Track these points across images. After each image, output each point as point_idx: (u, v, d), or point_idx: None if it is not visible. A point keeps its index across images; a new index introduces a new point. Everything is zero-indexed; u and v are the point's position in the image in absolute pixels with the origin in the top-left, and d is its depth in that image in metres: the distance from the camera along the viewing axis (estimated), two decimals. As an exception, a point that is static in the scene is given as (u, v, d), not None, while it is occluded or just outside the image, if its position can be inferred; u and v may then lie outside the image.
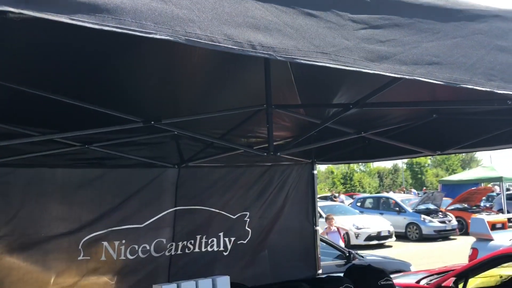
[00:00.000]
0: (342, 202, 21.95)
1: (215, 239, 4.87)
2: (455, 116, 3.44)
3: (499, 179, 17.30)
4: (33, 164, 3.75)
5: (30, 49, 2.15)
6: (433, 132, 3.70)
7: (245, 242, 4.98)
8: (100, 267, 4.22)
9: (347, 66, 1.16)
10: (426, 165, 50.66)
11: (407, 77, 1.28)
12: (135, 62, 2.49)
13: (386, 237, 14.90)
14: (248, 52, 1.02)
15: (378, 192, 39.53)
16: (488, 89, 1.47)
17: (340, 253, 6.68)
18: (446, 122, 3.54)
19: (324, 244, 6.77)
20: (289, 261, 4.93)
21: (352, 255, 6.51)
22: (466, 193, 17.52)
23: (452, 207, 17.69)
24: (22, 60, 2.27)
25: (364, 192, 41.12)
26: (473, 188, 17.93)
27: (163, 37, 0.91)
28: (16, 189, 3.72)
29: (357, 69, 1.18)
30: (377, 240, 14.72)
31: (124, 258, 4.34)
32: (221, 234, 4.90)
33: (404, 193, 28.47)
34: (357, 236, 14.63)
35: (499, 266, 4.07)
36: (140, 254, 4.42)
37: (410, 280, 4.67)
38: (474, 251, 6.93)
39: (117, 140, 3.69)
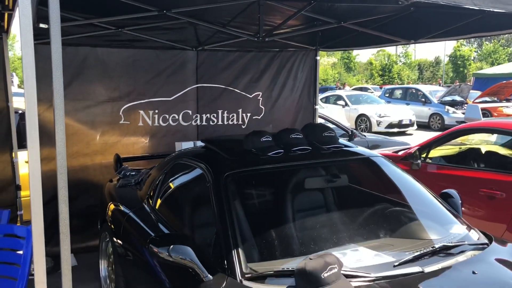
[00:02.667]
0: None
1: (235, 114, 5.83)
2: (429, 10, 4.00)
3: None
4: (79, 44, 4.67)
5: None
6: (409, 24, 4.29)
7: (259, 117, 5.93)
8: (138, 131, 5.26)
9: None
10: (471, 58, 48.84)
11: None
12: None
13: (407, 126, 15.63)
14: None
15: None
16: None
17: (344, 132, 7.60)
18: (421, 15, 4.10)
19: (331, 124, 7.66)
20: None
21: (353, 133, 7.42)
22: (496, 86, 17.43)
23: (480, 100, 17.83)
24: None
25: (402, 84, 40.78)
26: (503, 82, 17.77)
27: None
28: (67, 64, 4.66)
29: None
30: (398, 128, 15.49)
31: (158, 125, 5.36)
32: (240, 110, 5.85)
33: (440, 86, 28.31)
34: (378, 123, 15.42)
35: (459, 138, 4.86)
36: (170, 122, 5.44)
37: (389, 151, 5.57)
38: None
39: (144, 25, 4.50)
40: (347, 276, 2.03)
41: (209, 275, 2.18)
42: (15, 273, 3.44)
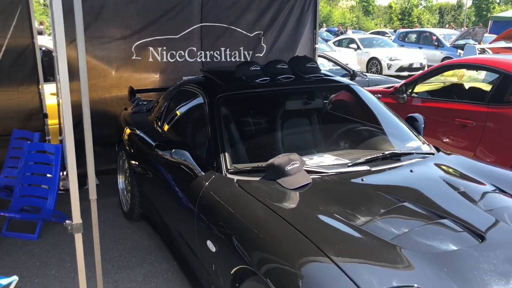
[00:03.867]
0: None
1: (237, 52, 6.27)
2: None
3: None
4: (94, -16, 5.10)
5: None
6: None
7: (261, 55, 6.37)
8: (148, 66, 5.78)
9: None
10: (496, 1, 47.14)
11: None
12: None
13: (417, 69, 15.73)
14: None
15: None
16: None
17: (346, 72, 7.98)
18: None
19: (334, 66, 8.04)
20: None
21: (355, 73, 7.79)
22: (512, 30, 17.20)
23: (495, 43, 17.64)
24: None
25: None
26: (520, 25, 17.49)
27: None
28: (84, 2, 5.11)
29: None
30: (408, 71, 15.63)
31: (166, 60, 5.86)
32: (242, 48, 6.28)
33: (453, 29, 27.78)
34: (389, 67, 15.59)
35: (443, 74, 5.25)
36: (177, 58, 5.92)
37: (382, 87, 5.99)
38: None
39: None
40: (307, 171, 2.58)
41: (202, 171, 2.76)
42: (47, 182, 4.12)
